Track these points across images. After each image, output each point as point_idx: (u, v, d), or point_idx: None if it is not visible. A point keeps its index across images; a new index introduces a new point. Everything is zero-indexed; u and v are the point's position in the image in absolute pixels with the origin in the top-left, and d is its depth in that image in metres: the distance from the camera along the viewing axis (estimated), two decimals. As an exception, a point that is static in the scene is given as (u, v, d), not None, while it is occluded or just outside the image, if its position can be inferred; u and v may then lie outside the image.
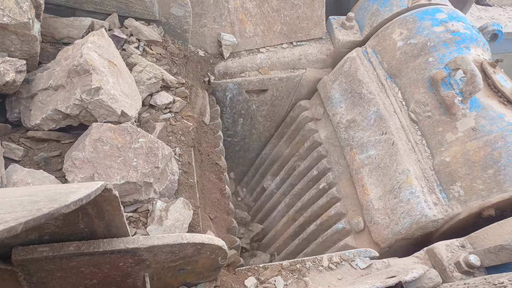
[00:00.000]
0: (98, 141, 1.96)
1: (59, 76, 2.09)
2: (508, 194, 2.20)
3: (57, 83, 2.09)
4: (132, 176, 1.95)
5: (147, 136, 2.07)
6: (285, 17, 3.14)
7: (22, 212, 0.80)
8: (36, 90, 2.14)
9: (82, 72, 2.02)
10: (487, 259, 1.85)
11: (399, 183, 2.47)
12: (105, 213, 1.24)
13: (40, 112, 2.10)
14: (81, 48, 2.07)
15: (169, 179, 2.13)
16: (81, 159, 1.91)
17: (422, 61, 2.74)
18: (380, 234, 2.49)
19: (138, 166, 1.99)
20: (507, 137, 2.31)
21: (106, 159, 1.94)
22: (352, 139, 2.86)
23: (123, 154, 1.99)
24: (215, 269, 1.66)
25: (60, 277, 1.33)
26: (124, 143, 2.01)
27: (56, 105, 2.03)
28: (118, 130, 2.01)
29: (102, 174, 1.91)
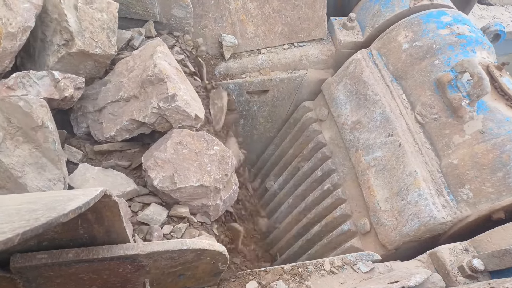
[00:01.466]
0: (178, 144, 2.12)
1: (130, 88, 2.22)
2: None
3: (129, 94, 2.21)
4: (206, 180, 2.11)
5: (220, 144, 2.26)
6: (286, 18, 3.12)
7: (20, 222, 0.78)
8: (105, 103, 2.26)
9: (156, 82, 2.14)
10: (491, 263, 1.83)
11: (407, 185, 2.45)
12: (105, 219, 1.22)
13: (113, 123, 2.22)
14: (152, 59, 2.20)
15: (233, 189, 2.32)
16: (163, 159, 2.06)
17: (428, 63, 2.73)
18: (387, 236, 2.48)
19: (212, 171, 2.15)
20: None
21: (184, 161, 2.10)
22: (358, 140, 2.85)
23: (200, 158, 2.15)
24: (215, 274, 1.65)
25: (59, 284, 1.31)
26: (201, 149, 2.17)
27: (131, 115, 2.16)
28: (197, 136, 2.20)
29: (180, 174, 2.06)
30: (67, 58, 2.18)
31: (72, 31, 2.10)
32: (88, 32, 2.17)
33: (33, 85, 2.00)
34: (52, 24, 2.15)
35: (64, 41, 2.14)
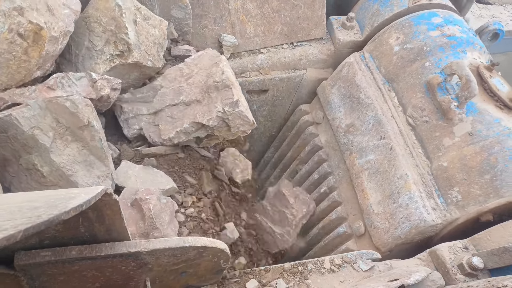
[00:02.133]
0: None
1: (192, 92, 2.40)
2: (505, 200, 2.19)
3: (191, 98, 2.38)
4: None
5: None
6: (286, 17, 3.13)
7: (22, 219, 0.79)
8: (162, 106, 2.41)
9: (222, 88, 2.34)
10: (491, 261, 1.84)
11: (398, 188, 2.46)
12: (106, 217, 1.23)
13: (171, 126, 2.36)
14: (218, 66, 2.41)
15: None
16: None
17: (419, 65, 2.72)
18: (380, 238, 2.49)
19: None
20: (503, 142, 2.30)
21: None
22: (352, 143, 2.86)
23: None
24: (217, 271, 1.66)
25: (63, 281, 1.32)
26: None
27: (194, 118, 2.32)
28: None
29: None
30: (119, 68, 2.33)
31: (130, 43, 2.28)
32: (143, 45, 2.37)
33: (72, 85, 2.10)
34: (105, 35, 2.30)
35: (118, 52, 2.30)
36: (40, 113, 1.86)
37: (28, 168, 1.91)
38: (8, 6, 1.87)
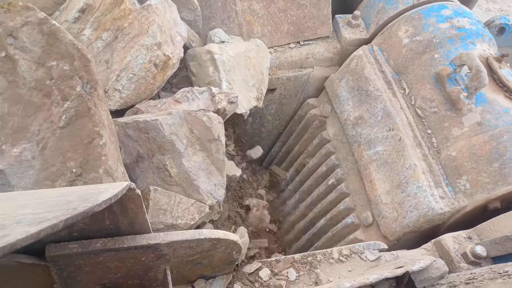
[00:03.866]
0: None
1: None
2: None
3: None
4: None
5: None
6: (292, 17, 3.20)
7: (61, 211, 0.89)
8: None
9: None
10: (493, 250, 1.91)
11: (406, 178, 2.53)
12: (129, 211, 1.33)
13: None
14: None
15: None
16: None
17: (428, 57, 2.78)
18: (388, 227, 2.56)
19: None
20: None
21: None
22: (360, 135, 2.92)
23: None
24: (230, 262, 1.75)
25: (88, 272, 1.42)
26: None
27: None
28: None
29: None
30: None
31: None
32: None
33: (195, 98, 2.39)
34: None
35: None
36: (179, 122, 2.14)
37: (158, 167, 2.16)
38: (150, 42, 2.27)
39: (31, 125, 1.66)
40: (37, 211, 0.89)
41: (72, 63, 1.70)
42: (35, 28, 1.68)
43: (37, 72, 1.68)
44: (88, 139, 1.67)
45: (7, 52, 1.67)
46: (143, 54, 2.27)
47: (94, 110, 1.70)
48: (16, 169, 1.62)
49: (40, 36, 1.68)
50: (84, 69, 1.72)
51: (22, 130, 1.65)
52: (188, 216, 2.13)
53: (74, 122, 1.68)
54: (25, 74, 1.67)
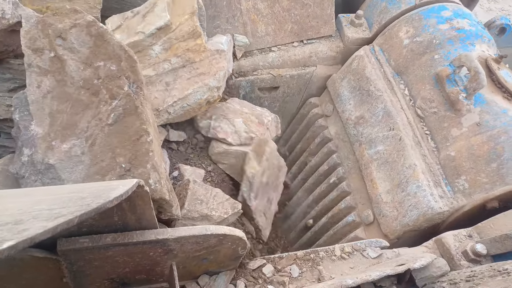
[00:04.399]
0: None
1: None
2: (510, 187, 2.28)
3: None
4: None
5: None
6: (296, 16, 3.23)
7: (75, 207, 0.92)
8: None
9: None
10: (493, 248, 1.94)
11: (406, 177, 2.56)
12: (137, 207, 1.36)
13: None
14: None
15: None
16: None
17: (428, 58, 2.80)
18: (389, 226, 2.59)
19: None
20: (510, 131, 2.38)
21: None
22: (361, 135, 2.95)
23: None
24: (235, 258, 1.78)
25: (97, 266, 1.46)
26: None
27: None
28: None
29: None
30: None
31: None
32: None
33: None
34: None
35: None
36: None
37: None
38: (214, 84, 2.52)
39: (79, 122, 1.73)
40: (52, 207, 0.92)
41: (119, 63, 1.78)
42: (83, 30, 1.76)
43: (85, 71, 1.75)
44: (136, 136, 1.75)
45: (56, 52, 1.74)
46: (203, 91, 2.49)
47: (141, 108, 1.77)
48: (66, 164, 1.69)
49: (88, 38, 1.76)
50: (131, 69, 1.80)
51: (71, 127, 1.72)
52: (222, 209, 2.21)
53: (122, 120, 1.75)
54: (73, 73, 1.74)
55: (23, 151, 1.70)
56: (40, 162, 1.68)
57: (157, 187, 1.76)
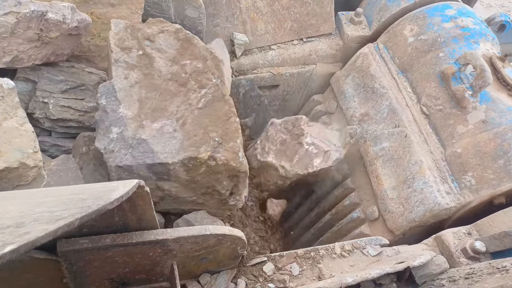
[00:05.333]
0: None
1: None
2: None
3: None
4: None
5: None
6: (295, 14, 3.23)
7: (75, 209, 0.93)
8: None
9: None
10: (492, 245, 1.95)
11: (413, 173, 2.57)
12: (138, 208, 1.37)
13: None
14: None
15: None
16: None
17: (433, 56, 2.81)
18: (394, 222, 2.60)
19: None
20: (516, 128, 2.39)
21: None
22: (366, 132, 2.96)
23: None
24: (234, 257, 1.79)
25: (97, 266, 1.46)
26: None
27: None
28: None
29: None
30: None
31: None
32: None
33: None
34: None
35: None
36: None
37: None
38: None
39: (168, 107, 1.97)
40: (53, 209, 0.93)
41: (205, 62, 2.16)
42: (171, 35, 2.11)
43: (172, 67, 2.05)
44: (225, 117, 2.06)
45: (144, 50, 2.03)
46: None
47: (228, 97, 2.11)
48: (158, 139, 1.90)
49: (175, 41, 2.10)
50: (216, 67, 2.17)
51: (160, 110, 1.96)
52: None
53: (211, 104, 2.06)
54: (161, 68, 2.02)
55: (112, 129, 1.88)
56: (131, 138, 1.87)
57: (243, 161, 2.04)
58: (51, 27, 1.86)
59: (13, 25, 1.72)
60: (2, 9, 1.68)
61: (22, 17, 1.73)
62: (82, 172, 2.02)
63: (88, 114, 2.20)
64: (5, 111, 1.57)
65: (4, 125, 1.55)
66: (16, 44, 1.79)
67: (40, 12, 1.78)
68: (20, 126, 1.61)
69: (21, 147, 1.56)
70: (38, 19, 1.79)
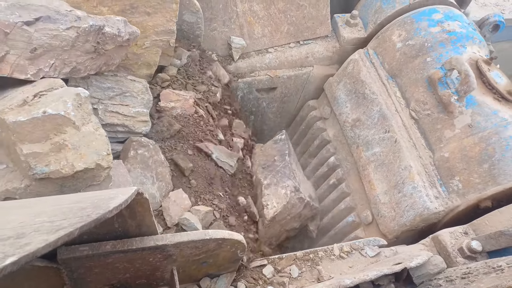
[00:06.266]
0: None
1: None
2: (502, 187, 2.32)
3: None
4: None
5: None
6: (292, 17, 3.25)
7: (75, 218, 0.95)
8: None
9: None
10: (488, 245, 1.97)
11: (403, 178, 2.59)
12: (137, 214, 1.39)
13: None
14: None
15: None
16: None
17: (421, 61, 2.83)
18: (387, 226, 2.62)
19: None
20: (500, 132, 2.42)
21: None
22: (358, 137, 2.98)
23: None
24: (234, 261, 1.81)
25: (98, 273, 1.48)
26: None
27: None
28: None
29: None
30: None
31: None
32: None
33: None
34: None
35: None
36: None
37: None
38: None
39: None
40: (53, 219, 0.95)
41: None
42: None
43: None
44: None
45: None
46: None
47: None
48: None
49: None
50: None
51: None
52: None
53: None
54: None
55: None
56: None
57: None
58: (107, 40, 1.96)
59: (73, 39, 1.81)
60: (64, 24, 1.77)
61: (82, 31, 1.82)
62: (130, 175, 2.09)
63: (133, 119, 2.27)
64: (83, 117, 1.69)
65: (83, 129, 1.67)
66: (75, 56, 1.89)
67: (97, 26, 1.87)
68: (95, 130, 1.73)
69: (97, 150, 1.69)
70: (95, 32, 1.88)
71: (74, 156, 1.62)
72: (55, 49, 1.77)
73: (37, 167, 1.57)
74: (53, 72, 1.83)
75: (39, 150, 1.56)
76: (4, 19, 1.62)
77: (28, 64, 1.73)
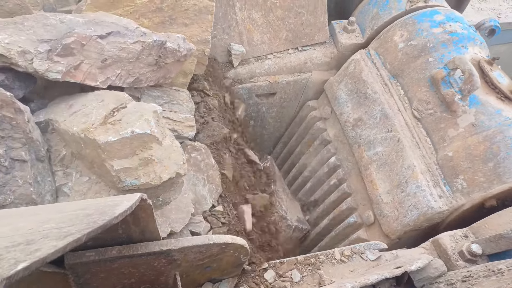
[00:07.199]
0: None
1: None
2: (507, 185, 2.33)
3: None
4: None
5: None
6: (290, 24, 3.29)
7: (82, 225, 0.97)
8: None
9: None
10: (488, 248, 1.99)
11: (406, 177, 2.61)
12: (141, 220, 1.41)
13: None
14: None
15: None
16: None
17: (423, 61, 2.86)
18: (389, 226, 2.64)
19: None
20: (505, 131, 2.44)
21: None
22: (360, 137, 3.00)
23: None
24: (237, 265, 1.82)
25: (103, 278, 1.50)
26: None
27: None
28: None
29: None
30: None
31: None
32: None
33: None
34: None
35: None
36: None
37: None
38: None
39: None
40: (60, 225, 0.97)
41: None
42: None
43: None
44: None
45: None
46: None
47: None
48: None
49: None
50: None
51: None
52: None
53: None
54: None
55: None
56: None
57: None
58: (168, 54, 2.14)
59: (139, 52, 2.01)
60: (131, 38, 1.98)
61: (146, 46, 2.02)
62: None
63: (182, 124, 2.37)
64: (162, 133, 1.83)
65: (164, 144, 1.82)
66: (139, 67, 2.08)
67: (160, 41, 2.07)
68: (171, 143, 1.87)
69: (175, 160, 1.84)
70: (158, 47, 2.08)
71: (160, 168, 1.80)
72: (122, 60, 1.99)
73: (127, 180, 1.75)
74: (118, 81, 2.04)
75: (128, 165, 1.73)
76: (82, 33, 1.84)
77: (98, 72, 1.94)
